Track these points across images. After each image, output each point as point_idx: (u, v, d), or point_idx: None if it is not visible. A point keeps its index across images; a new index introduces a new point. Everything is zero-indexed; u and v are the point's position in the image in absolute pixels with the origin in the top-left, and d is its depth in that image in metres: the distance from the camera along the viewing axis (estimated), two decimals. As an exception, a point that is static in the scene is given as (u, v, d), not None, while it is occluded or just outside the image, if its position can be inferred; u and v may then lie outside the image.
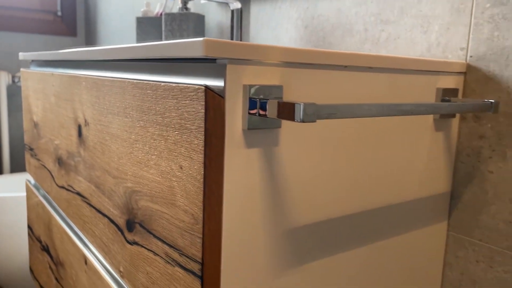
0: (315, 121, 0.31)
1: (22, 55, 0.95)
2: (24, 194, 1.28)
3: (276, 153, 0.37)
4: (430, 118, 0.50)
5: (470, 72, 0.53)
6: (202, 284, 0.35)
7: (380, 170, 0.46)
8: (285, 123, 0.37)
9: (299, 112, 0.30)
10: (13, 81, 1.74)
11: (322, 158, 0.40)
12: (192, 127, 0.34)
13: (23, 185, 1.61)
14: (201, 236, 0.34)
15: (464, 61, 0.53)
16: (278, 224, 0.38)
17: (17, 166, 1.83)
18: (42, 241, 0.88)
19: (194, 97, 0.33)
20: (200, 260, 0.34)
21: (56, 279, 0.79)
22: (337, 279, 0.45)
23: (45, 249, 0.85)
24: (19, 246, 1.31)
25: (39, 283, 0.94)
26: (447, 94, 0.50)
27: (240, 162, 0.35)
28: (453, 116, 0.52)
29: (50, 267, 0.83)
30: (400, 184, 0.49)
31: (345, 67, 0.41)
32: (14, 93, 1.79)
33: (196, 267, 0.35)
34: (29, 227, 1.00)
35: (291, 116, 0.31)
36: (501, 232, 0.51)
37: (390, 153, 0.47)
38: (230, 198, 0.35)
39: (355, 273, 0.46)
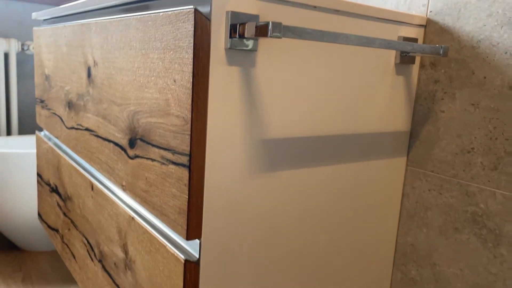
0: (281, 37, 0.40)
1: (35, 15, 1.03)
2: (31, 151, 1.37)
3: (253, 73, 0.45)
4: (391, 62, 0.58)
5: (429, 25, 0.61)
6: (189, 173, 0.43)
7: (346, 100, 0.54)
8: (261, 48, 0.45)
9: (270, 29, 0.38)
10: (22, 49, 1.82)
11: (294, 82, 0.49)
12: (184, 44, 0.42)
13: (30, 144, 1.70)
14: (189, 133, 0.43)
15: (424, 16, 0.61)
16: (254, 132, 0.47)
17: (24, 129, 1.92)
18: (51, 184, 0.97)
19: (185, 19, 0.41)
20: (188, 153, 0.43)
21: (64, 213, 0.88)
22: (303, 190, 0.53)
23: (54, 190, 0.94)
24: (27, 199, 1.40)
25: (47, 224, 1.03)
26: (408, 41, 0.58)
27: (222, 77, 0.43)
28: (413, 62, 0.60)
29: (58, 205, 0.92)
30: (364, 116, 0.57)
31: (314, 8, 0.49)
32: (23, 61, 1.87)
33: (185, 160, 0.44)
34: (39, 175, 1.09)
35: (264, 33, 0.39)
36: (449, 163, 0.60)
37: (355, 87, 0.55)
38: (214, 104, 0.43)
39: (320, 189, 0.55)
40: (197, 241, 0.46)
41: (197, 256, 0.46)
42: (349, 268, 0.62)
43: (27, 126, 1.93)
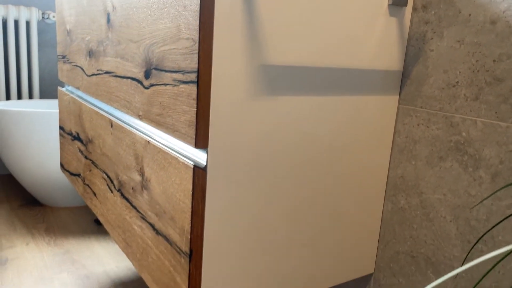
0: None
1: (56, -25, 1.09)
2: (52, 110, 1.46)
3: (256, 2, 0.51)
4: (385, 2, 0.63)
5: (421, -30, 0.65)
6: (197, 88, 0.50)
7: (342, 34, 0.60)
8: (261, -20, 0.51)
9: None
10: (43, 17, 1.90)
11: (294, 11, 0.54)
12: (193, -27, 0.48)
13: (50, 106, 1.79)
14: (197, 52, 0.49)
15: (417, -39, 0.65)
16: (256, 56, 0.53)
17: (45, 94, 2.01)
18: (72, 133, 1.05)
19: (195, -51, 0.47)
20: (196, 70, 0.49)
21: (85, 157, 0.95)
22: (299, 117, 0.59)
23: (76, 137, 1.02)
24: (49, 157, 1.49)
25: (70, 172, 1.11)
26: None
27: (227, 1, 0.49)
28: (405, 4, 0.65)
29: (79, 150, 1.00)
30: (359, 53, 0.62)
31: None
32: (43, 30, 1.95)
33: (193, 76, 0.50)
34: (61, 128, 1.17)
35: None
36: (436, 98, 0.65)
37: (351, 23, 0.60)
38: (219, 27, 0.49)
39: (316, 118, 0.61)
40: (204, 150, 0.53)
41: (204, 163, 0.53)
42: (343, 200, 0.68)
43: (47, 92, 2.01)
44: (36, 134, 1.46)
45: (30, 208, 1.62)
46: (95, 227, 1.48)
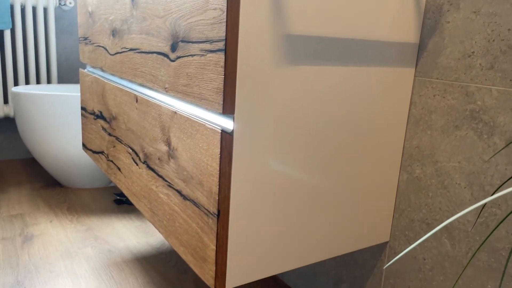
0: None
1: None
2: (73, 94, 1.50)
3: (278, -27, 0.53)
4: (401, -24, 0.65)
5: None
6: (225, 55, 0.52)
7: (360, 6, 0.62)
8: (285, -48, 0.53)
9: None
10: (60, 4, 1.93)
11: (312, -14, 0.57)
12: None
13: (68, 91, 1.84)
14: (225, 20, 0.51)
15: None
16: (279, 27, 0.55)
17: (62, 80, 2.05)
18: (95, 112, 1.09)
19: None
20: (224, 38, 0.52)
21: (109, 134, 0.99)
22: (320, 87, 0.62)
23: (99, 116, 1.06)
24: (70, 139, 1.53)
25: (92, 151, 1.15)
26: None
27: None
28: (421, -23, 0.67)
29: (103, 128, 1.03)
30: (376, 24, 0.65)
31: None
32: (60, 16, 1.99)
33: (221, 45, 0.53)
34: (83, 109, 1.20)
35: None
36: (452, 68, 0.67)
37: (366, -3, 0.62)
38: (245, -2, 0.52)
39: (336, 88, 0.64)
40: (231, 116, 0.56)
41: (231, 128, 0.56)
42: (360, 170, 0.71)
43: (65, 78, 2.06)
44: (57, 117, 1.51)
45: (52, 189, 1.67)
46: (114, 207, 1.53)
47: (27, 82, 1.93)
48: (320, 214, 0.68)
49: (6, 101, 1.88)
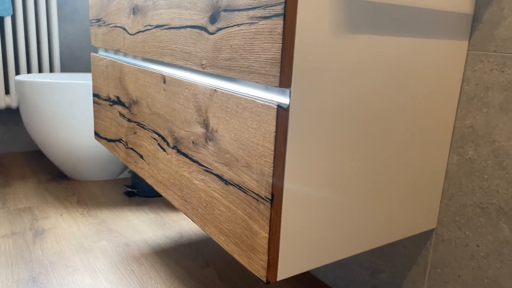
0: None
1: None
2: (80, 81, 1.43)
3: None
4: None
5: None
6: (284, 20, 0.47)
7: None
8: None
9: None
10: (61, -10, 1.86)
11: None
12: None
13: (72, 79, 1.77)
14: (284, -18, 0.46)
15: None
16: (338, -10, 0.50)
17: (64, 68, 1.98)
18: (111, 98, 1.03)
19: None
20: (283, 1, 0.47)
21: (129, 120, 0.93)
22: (376, 58, 0.57)
23: (116, 102, 1.00)
24: (78, 130, 1.47)
25: (107, 139, 1.09)
26: None
27: None
28: None
29: (120, 114, 0.98)
30: (432, -7, 0.60)
31: None
32: (61, 3, 1.91)
33: (279, 8, 0.47)
34: (95, 95, 1.14)
35: None
36: (513, 40, 0.62)
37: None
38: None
39: (389, 56, 0.58)
40: (287, 90, 0.50)
41: (287, 103, 0.50)
42: (407, 152, 0.66)
43: (67, 66, 1.99)
44: (65, 106, 1.44)
45: (58, 182, 1.61)
46: (126, 199, 1.47)
47: (28, 71, 1.86)
48: (370, 200, 0.64)
49: (7, 91, 1.81)
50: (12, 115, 1.92)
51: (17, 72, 1.84)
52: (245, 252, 0.58)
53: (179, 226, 1.28)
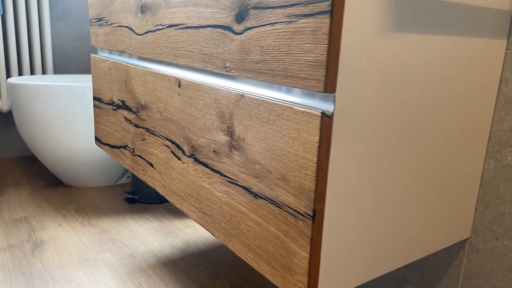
0: None
1: None
2: (75, 84, 1.37)
3: None
4: None
5: None
6: (331, 18, 0.42)
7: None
8: None
9: None
10: (53, -12, 1.78)
11: None
12: None
13: (67, 81, 1.70)
14: (331, -25, 0.41)
15: None
16: (386, -16, 0.45)
17: (57, 70, 1.91)
18: (114, 102, 0.97)
19: None
20: (329, -2, 0.42)
21: (136, 125, 0.88)
22: (419, 58, 0.52)
23: (120, 106, 0.94)
24: (74, 135, 1.41)
25: (110, 145, 1.04)
26: None
27: None
28: None
29: (126, 119, 0.92)
30: (475, -12, 0.55)
31: None
32: (54, 1, 1.84)
33: (325, 5, 0.42)
34: (96, 99, 1.08)
35: None
36: (559, 38, 0.58)
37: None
38: None
39: (434, 58, 0.54)
40: (329, 96, 0.46)
41: (331, 110, 0.46)
42: (444, 157, 0.62)
43: (60, 68, 1.91)
44: (60, 110, 1.38)
45: (54, 189, 1.54)
46: (127, 206, 1.41)
47: (20, 73, 1.79)
48: (407, 212, 0.59)
49: (-2, 94, 1.73)
50: (2, 119, 1.84)
51: (8, 75, 1.77)
52: (279, 272, 0.53)
53: (185, 234, 1.23)
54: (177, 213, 1.38)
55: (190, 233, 1.24)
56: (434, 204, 0.63)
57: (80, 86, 1.36)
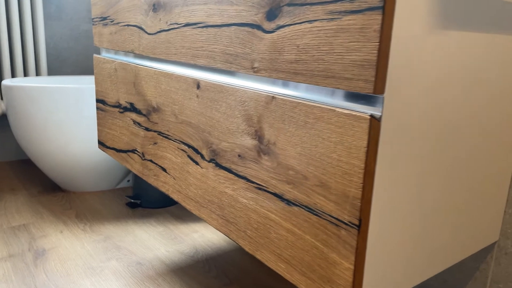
0: None
1: None
2: (70, 86, 1.32)
3: None
4: None
5: None
6: (383, 15, 0.40)
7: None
8: None
9: None
10: (47, -13, 1.73)
11: None
12: None
13: (62, 83, 1.65)
14: (383, -31, 0.39)
15: None
16: (435, -21, 0.43)
17: (51, 71, 1.86)
18: (121, 104, 0.93)
19: None
20: (380, -7, 0.39)
21: (147, 128, 0.84)
22: (467, 54, 0.50)
23: (128, 108, 0.91)
24: (72, 138, 1.36)
25: (116, 149, 1.00)
26: None
27: None
28: None
29: (135, 122, 0.88)
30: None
31: None
32: (46, 0, 1.78)
33: (376, 1, 0.40)
34: (100, 101, 1.04)
35: None
36: None
37: None
38: None
39: (479, 56, 0.52)
40: (377, 98, 0.43)
41: (379, 113, 0.43)
42: (475, 157, 0.60)
43: (54, 69, 1.86)
44: (57, 112, 1.33)
45: (52, 194, 1.49)
46: (129, 211, 1.37)
47: (13, 75, 1.73)
48: (444, 216, 0.57)
49: (-10, 97, 1.67)
50: (-5, 123, 1.78)
51: (0, 76, 1.71)
52: (317, 284, 0.50)
53: (192, 239, 1.19)
54: (181, 218, 1.34)
55: (197, 238, 1.20)
56: (464, 208, 0.61)
57: (77, 87, 1.32)
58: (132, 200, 1.40)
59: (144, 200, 1.39)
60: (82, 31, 1.90)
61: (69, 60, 1.89)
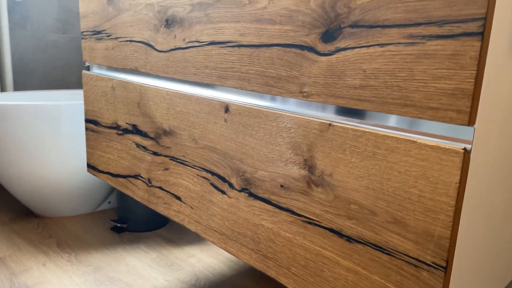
0: None
1: None
2: (45, 103, 1.22)
3: None
4: None
5: None
6: (482, 41, 0.36)
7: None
8: None
9: None
10: (12, -6, 1.59)
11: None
12: None
13: (34, 99, 1.53)
14: (484, -8, 0.35)
15: None
16: (520, 2, 0.40)
17: (17, 83, 1.71)
18: (120, 126, 0.86)
19: None
20: (483, 17, 0.36)
21: (155, 153, 0.77)
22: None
23: (130, 130, 0.83)
24: (47, 159, 1.25)
25: (112, 174, 0.91)
26: None
27: None
28: None
29: (140, 145, 0.81)
30: None
31: None
32: (11, 8, 1.65)
33: (474, 26, 0.36)
34: (90, 121, 0.96)
35: None
36: None
37: None
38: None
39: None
40: (467, 129, 0.40)
41: (470, 145, 0.40)
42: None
43: (20, 83, 1.72)
44: (31, 132, 1.22)
45: (26, 221, 1.36)
46: (115, 236, 1.28)
47: (-26, 90, 1.58)
48: (508, 243, 0.55)
49: (-51, 115, 1.51)
50: (-47, 142, 1.62)
51: (-40, 91, 1.55)
52: (388, 328, 0.46)
53: (190, 265, 1.12)
54: (173, 241, 1.26)
55: (195, 263, 1.13)
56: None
57: (53, 105, 1.22)
58: (118, 224, 1.30)
59: (130, 224, 1.30)
60: (50, 41, 1.77)
61: (36, 71, 1.75)
